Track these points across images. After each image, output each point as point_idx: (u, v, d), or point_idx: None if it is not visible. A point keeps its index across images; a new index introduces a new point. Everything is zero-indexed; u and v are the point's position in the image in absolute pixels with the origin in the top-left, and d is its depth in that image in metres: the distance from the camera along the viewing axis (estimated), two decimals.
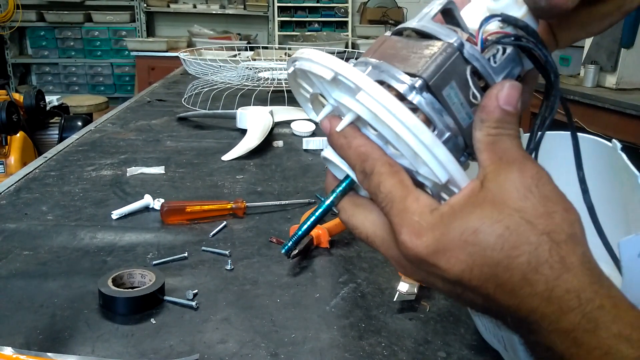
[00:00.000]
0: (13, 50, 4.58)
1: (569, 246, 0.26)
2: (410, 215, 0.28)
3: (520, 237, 0.26)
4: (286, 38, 4.36)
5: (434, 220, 0.27)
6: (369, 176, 0.29)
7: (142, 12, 4.52)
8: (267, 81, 1.47)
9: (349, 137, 0.30)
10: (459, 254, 0.27)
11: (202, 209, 0.74)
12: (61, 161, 0.98)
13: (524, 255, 0.26)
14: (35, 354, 0.44)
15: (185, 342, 0.48)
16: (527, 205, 0.26)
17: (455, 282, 0.27)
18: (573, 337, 0.26)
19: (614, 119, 2.13)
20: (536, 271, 0.26)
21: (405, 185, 0.29)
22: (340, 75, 0.28)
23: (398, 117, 0.27)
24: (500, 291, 0.26)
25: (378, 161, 0.29)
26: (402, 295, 0.54)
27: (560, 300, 0.26)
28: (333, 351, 0.48)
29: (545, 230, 0.26)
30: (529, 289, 0.26)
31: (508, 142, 0.28)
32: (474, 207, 0.27)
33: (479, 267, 0.26)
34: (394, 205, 0.28)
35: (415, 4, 4.54)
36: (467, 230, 0.26)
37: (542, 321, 0.26)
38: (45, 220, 0.73)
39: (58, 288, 0.56)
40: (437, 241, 0.27)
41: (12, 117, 2.39)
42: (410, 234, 0.27)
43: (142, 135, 1.17)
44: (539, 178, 0.27)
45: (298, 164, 1.01)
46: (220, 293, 0.56)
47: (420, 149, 0.27)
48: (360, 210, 0.32)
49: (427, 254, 0.27)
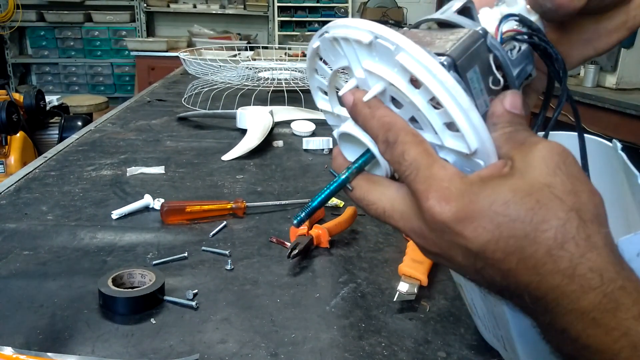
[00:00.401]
0: (13, 50, 4.58)
1: (594, 225, 0.26)
2: (438, 181, 0.27)
3: (549, 211, 0.26)
4: (286, 38, 4.36)
5: (463, 187, 0.27)
6: (392, 145, 0.29)
7: (142, 12, 4.52)
8: (267, 81, 1.47)
9: (373, 107, 0.30)
10: (486, 223, 0.26)
11: (202, 209, 0.74)
12: (61, 161, 0.98)
13: (551, 230, 0.25)
14: (35, 353, 0.44)
15: (185, 342, 0.48)
16: (556, 181, 0.26)
17: (478, 253, 0.27)
18: (592, 318, 0.25)
19: (614, 119, 2.13)
20: (561, 247, 0.25)
21: (430, 153, 0.29)
22: (380, 37, 0.28)
23: (438, 78, 0.27)
24: (523, 266, 0.26)
25: (402, 130, 0.29)
26: (402, 295, 0.54)
27: (583, 278, 0.25)
28: (333, 351, 0.48)
29: (574, 207, 0.26)
30: (551, 266, 0.25)
31: (525, 132, 0.29)
32: (504, 180, 0.27)
33: (505, 239, 0.26)
34: (419, 173, 0.28)
35: (416, 4, 4.54)
36: (497, 201, 0.26)
37: (562, 299, 0.26)
38: (45, 220, 0.73)
39: (58, 288, 0.56)
40: (465, 208, 0.26)
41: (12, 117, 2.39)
42: (438, 199, 0.27)
43: (142, 135, 1.17)
44: (566, 157, 0.27)
45: (298, 164, 1.01)
46: (220, 293, 0.56)
47: (457, 111, 0.27)
48: (377, 187, 0.32)
49: (455, 221, 0.27)
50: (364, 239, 0.70)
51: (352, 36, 0.29)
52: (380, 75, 0.30)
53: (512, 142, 0.28)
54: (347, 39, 0.30)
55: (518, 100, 0.30)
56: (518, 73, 0.32)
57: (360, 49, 0.30)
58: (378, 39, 0.28)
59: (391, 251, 0.66)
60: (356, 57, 0.31)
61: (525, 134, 0.29)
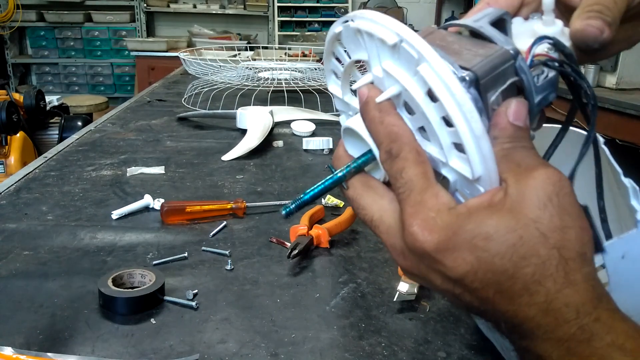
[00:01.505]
0: (13, 50, 4.58)
1: (576, 264, 0.26)
2: (426, 209, 0.27)
3: (530, 249, 0.26)
4: (286, 38, 4.36)
5: (449, 220, 0.27)
6: (394, 158, 0.29)
7: (142, 12, 4.52)
8: (267, 81, 1.47)
9: (383, 111, 0.30)
10: (467, 255, 0.26)
11: (202, 209, 0.74)
12: (61, 161, 0.98)
13: (530, 266, 0.26)
14: (35, 354, 0.44)
15: (185, 342, 0.48)
16: (545, 216, 0.26)
17: (457, 281, 0.27)
18: (567, 347, 0.26)
19: (614, 119, 2.12)
20: (539, 283, 0.26)
21: (427, 177, 0.28)
22: (405, 42, 0.27)
23: (457, 98, 0.26)
24: (500, 297, 0.27)
25: (407, 145, 0.29)
26: (402, 295, 0.54)
27: (558, 312, 0.26)
28: (333, 351, 0.48)
29: (557, 245, 0.26)
30: (527, 298, 0.26)
31: (524, 152, 0.28)
32: (491, 213, 0.27)
33: (484, 272, 0.26)
34: (411, 195, 0.28)
35: (416, 4, 4.54)
36: (479, 235, 0.26)
37: (537, 330, 0.26)
38: (45, 220, 0.73)
39: (58, 288, 0.56)
40: (447, 240, 0.27)
41: (12, 117, 2.39)
42: (422, 228, 0.27)
43: (142, 135, 1.17)
44: (561, 187, 0.27)
45: (298, 164, 1.01)
46: (220, 293, 0.56)
47: (468, 137, 0.27)
48: (371, 193, 0.32)
49: (435, 250, 0.27)
50: (364, 239, 0.70)
51: (378, 34, 0.28)
52: (397, 79, 0.29)
53: (508, 162, 0.28)
54: (372, 35, 0.29)
55: (523, 110, 0.29)
56: (540, 100, 0.30)
57: (383, 48, 0.29)
58: (403, 43, 0.27)
59: None
60: (377, 54, 0.30)
61: (523, 153, 0.28)
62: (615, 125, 2.12)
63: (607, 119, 2.15)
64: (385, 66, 0.29)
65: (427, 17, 4.49)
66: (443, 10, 4.48)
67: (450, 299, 0.30)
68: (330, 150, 1.08)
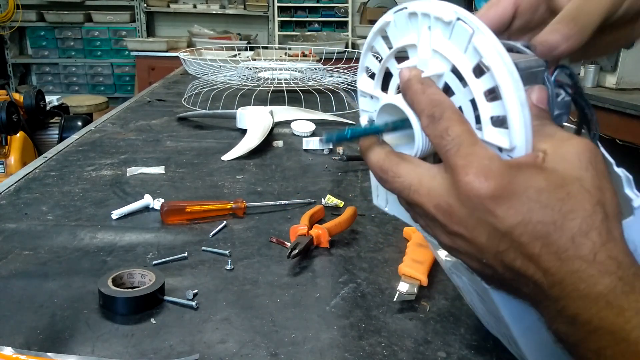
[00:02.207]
0: (13, 50, 4.58)
1: (615, 221, 0.28)
2: (480, 158, 0.28)
3: (578, 202, 0.27)
4: (286, 38, 4.36)
5: (503, 168, 0.28)
6: (437, 120, 0.30)
7: (142, 12, 4.52)
8: (267, 81, 1.47)
9: (425, 84, 0.32)
10: (519, 206, 0.27)
11: (202, 209, 0.74)
12: (61, 161, 0.98)
13: (578, 219, 0.27)
14: (35, 354, 0.44)
15: (185, 342, 0.48)
16: (587, 176, 0.28)
17: (506, 233, 0.28)
18: (606, 300, 0.27)
19: (615, 119, 2.12)
20: (585, 235, 0.27)
21: (473, 133, 0.30)
22: (462, 19, 0.29)
23: (509, 67, 0.28)
24: (546, 251, 0.27)
25: (449, 109, 0.30)
26: (402, 295, 0.54)
27: (602, 264, 0.27)
28: (333, 351, 0.48)
29: (600, 202, 0.28)
30: (573, 251, 0.27)
31: (553, 127, 0.30)
32: (540, 169, 0.28)
33: (534, 224, 0.27)
34: (460, 148, 0.29)
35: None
36: (531, 187, 0.27)
37: (579, 284, 0.27)
38: (45, 220, 0.73)
39: (58, 288, 0.56)
40: (502, 188, 0.28)
41: (12, 117, 2.39)
42: (478, 175, 0.28)
43: (142, 135, 1.17)
44: (597, 154, 0.29)
45: (298, 164, 1.01)
46: (220, 293, 0.56)
47: (515, 103, 0.28)
48: (407, 162, 0.32)
49: (490, 197, 0.28)
50: (364, 239, 0.70)
51: (435, 12, 0.30)
52: (447, 56, 0.31)
53: (541, 135, 0.29)
54: (428, 15, 0.31)
55: (545, 95, 0.31)
56: (557, 115, 0.34)
57: (437, 27, 0.31)
58: (459, 20, 0.30)
59: (391, 251, 0.66)
60: (428, 35, 0.31)
61: (553, 128, 0.30)
62: (616, 125, 2.12)
63: (607, 119, 2.15)
64: (435, 45, 0.31)
65: None
66: None
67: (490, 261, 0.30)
68: (330, 150, 1.08)
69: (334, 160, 1.03)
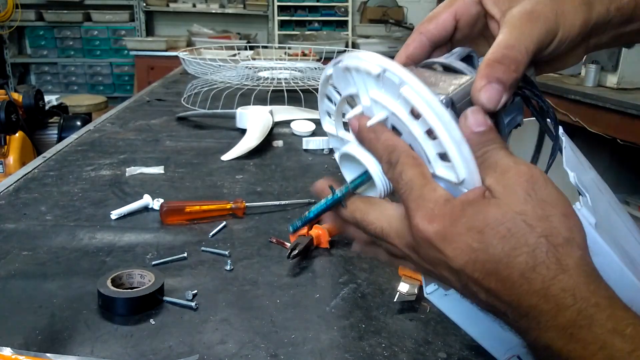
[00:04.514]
0: (12, 49, 4.57)
1: (565, 249, 0.28)
2: (426, 202, 0.30)
3: (520, 239, 0.28)
4: (286, 37, 4.36)
5: (446, 210, 0.29)
6: (394, 165, 0.32)
7: (142, 12, 4.51)
8: (267, 81, 1.47)
9: (378, 132, 0.33)
10: (464, 246, 0.29)
11: (202, 209, 0.74)
12: (60, 161, 0.97)
13: (522, 255, 0.28)
14: (34, 354, 0.44)
15: (185, 343, 0.48)
16: (527, 209, 0.28)
17: (459, 271, 0.29)
18: (570, 333, 0.27)
19: (615, 119, 2.12)
20: (533, 270, 0.27)
21: (425, 176, 0.31)
22: (388, 71, 0.31)
23: (436, 111, 0.30)
24: (501, 286, 0.28)
25: (403, 153, 0.32)
26: (403, 295, 0.54)
27: (556, 298, 0.27)
28: (333, 352, 0.47)
29: (543, 233, 0.28)
30: (527, 286, 0.27)
31: (495, 154, 0.31)
32: (481, 208, 0.29)
33: (482, 262, 0.28)
34: (412, 192, 0.31)
35: (416, 3, 4.54)
36: (473, 228, 0.28)
37: (541, 317, 0.28)
38: (44, 221, 0.72)
39: (57, 288, 0.56)
40: (445, 229, 0.29)
41: (11, 116, 2.38)
42: (423, 218, 0.30)
43: (142, 135, 1.17)
44: (534, 182, 0.29)
45: (298, 164, 1.01)
46: (220, 293, 0.56)
47: (449, 142, 0.30)
48: (375, 208, 0.34)
49: (436, 239, 0.29)
50: None
51: (363, 67, 0.32)
52: (384, 104, 0.33)
53: (485, 167, 0.31)
54: (359, 69, 0.33)
55: (480, 115, 0.31)
56: (509, 121, 0.35)
57: (369, 79, 0.33)
58: (386, 72, 0.31)
59: None
60: (364, 86, 0.34)
61: (496, 155, 0.31)
62: (617, 125, 2.11)
63: (608, 119, 2.14)
64: (372, 95, 0.33)
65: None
66: None
67: (461, 292, 0.31)
68: (330, 150, 1.08)
69: (334, 160, 1.03)
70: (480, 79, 0.32)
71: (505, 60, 0.32)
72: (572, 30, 0.34)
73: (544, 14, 0.34)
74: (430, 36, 0.38)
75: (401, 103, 0.32)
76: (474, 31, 0.39)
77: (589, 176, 0.36)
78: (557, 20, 0.34)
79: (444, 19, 0.38)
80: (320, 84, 0.38)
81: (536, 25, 0.33)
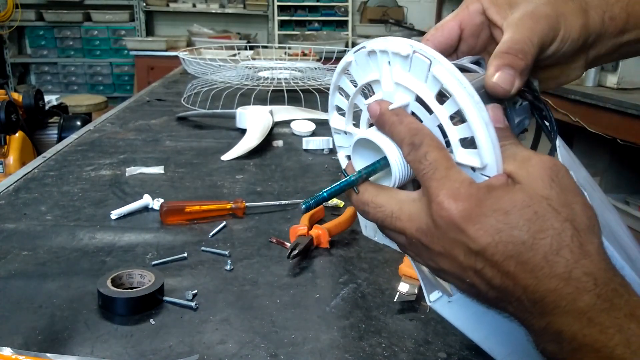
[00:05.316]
0: (12, 49, 4.57)
1: (587, 236, 0.28)
2: (451, 181, 0.30)
3: (546, 222, 0.28)
4: (286, 37, 4.36)
5: (472, 191, 0.29)
6: (418, 147, 0.32)
7: (142, 12, 4.51)
8: (267, 81, 1.47)
9: (400, 114, 0.33)
10: (488, 227, 0.28)
11: (202, 209, 0.74)
12: (60, 161, 0.97)
13: (547, 238, 0.28)
14: (34, 354, 0.44)
15: (185, 343, 0.48)
16: (552, 194, 0.29)
17: (478, 253, 0.29)
18: (588, 317, 0.27)
19: (616, 119, 2.12)
20: (557, 253, 0.28)
21: (449, 158, 0.31)
22: (418, 51, 0.31)
23: (468, 91, 0.30)
24: (521, 269, 0.28)
25: (427, 136, 0.32)
26: (403, 295, 0.54)
27: (578, 282, 0.27)
28: (333, 352, 0.47)
29: (569, 218, 0.28)
30: (548, 270, 0.28)
31: (513, 147, 0.31)
32: (507, 191, 0.29)
33: (504, 244, 0.28)
34: (436, 172, 0.30)
35: (416, 3, 4.54)
36: (499, 209, 0.29)
37: (559, 301, 0.28)
38: (44, 221, 0.72)
39: (57, 288, 0.56)
40: (471, 210, 0.29)
41: (11, 116, 2.38)
42: (448, 197, 0.29)
43: (142, 135, 1.17)
44: (557, 170, 0.30)
45: (298, 164, 1.01)
46: (220, 293, 0.56)
47: (480, 125, 0.30)
48: (385, 192, 0.34)
49: (460, 218, 0.29)
50: (364, 239, 0.69)
51: (392, 48, 0.32)
52: (410, 87, 0.32)
53: (504, 157, 0.31)
54: (386, 51, 0.33)
55: (499, 113, 0.33)
56: (518, 122, 0.36)
57: (396, 61, 0.33)
58: (416, 53, 0.31)
59: (391, 252, 0.66)
60: (389, 69, 0.33)
61: (514, 148, 0.31)
62: (617, 125, 2.11)
63: (608, 119, 2.14)
64: (397, 78, 0.33)
65: (428, 17, 4.48)
66: (443, 9, 4.47)
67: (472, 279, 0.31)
68: (330, 150, 1.08)
69: (333, 160, 1.03)
70: (492, 67, 0.34)
71: (512, 50, 0.34)
72: (573, 31, 0.36)
73: (545, 13, 0.35)
74: (437, 43, 0.39)
75: (429, 85, 0.32)
76: (478, 43, 0.40)
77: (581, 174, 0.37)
78: (558, 20, 0.35)
79: (449, 27, 0.39)
80: (335, 75, 0.38)
81: (539, 22, 0.35)
